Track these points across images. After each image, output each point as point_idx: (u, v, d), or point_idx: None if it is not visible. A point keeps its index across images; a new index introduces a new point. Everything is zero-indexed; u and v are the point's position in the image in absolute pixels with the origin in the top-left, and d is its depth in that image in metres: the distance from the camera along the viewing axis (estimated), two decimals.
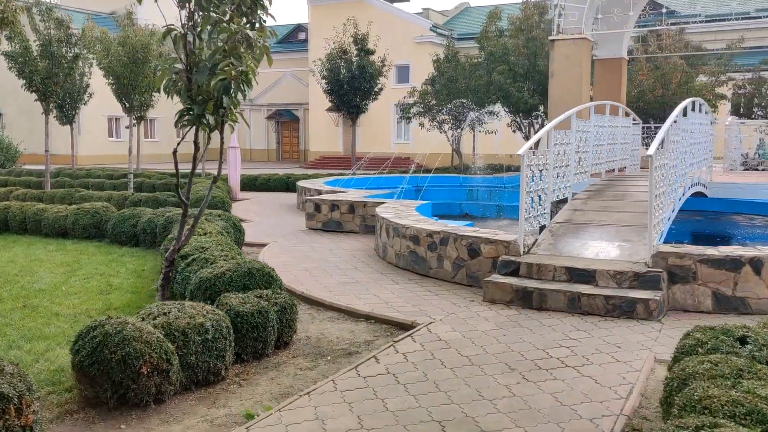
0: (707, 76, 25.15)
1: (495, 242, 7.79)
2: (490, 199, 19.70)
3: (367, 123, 39.95)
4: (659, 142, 7.11)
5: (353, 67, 24.90)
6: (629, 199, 9.23)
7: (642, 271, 6.84)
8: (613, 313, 6.62)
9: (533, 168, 7.90)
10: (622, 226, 8.16)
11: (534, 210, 8.03)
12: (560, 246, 7.84)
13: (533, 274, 7.34)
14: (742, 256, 6.70)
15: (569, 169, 9.09)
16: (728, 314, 6.73)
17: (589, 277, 7.03)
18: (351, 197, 13.00)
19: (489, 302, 7.22)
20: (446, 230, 8.34)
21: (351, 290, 7.84)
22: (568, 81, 13.53)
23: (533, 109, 23.48)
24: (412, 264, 8.86)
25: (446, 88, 24.29)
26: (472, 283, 8.03)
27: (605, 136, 10.94)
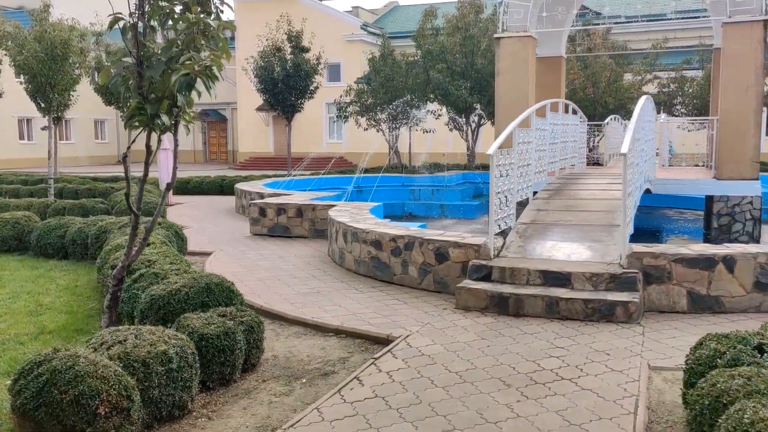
0: (634, 75, 25.88)
1: (464, 246, 7.47)
2: (432, 199, 19.53)
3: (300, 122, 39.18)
4: (631, 139, 6.96)
5: (288, 65, 24.18)
6: (591, 197, 9.12)
7: (618, 273, 6.67)
8: (593, 317, 6.40)
9: (501, 168, 7.62)
10: (589, 225, 8.01)
11: (501, 211, 7.75)
12: (530, 248, 7.59)
13: (506, 278, 7.05)
14: (715, 254, 6.63)
15: (530, 168, 8.89)
16: (703, 314, 6.65)
17: (565, 280, 6.80)
18: (298, 200, 12.44)
19: (462, 309, 6.88)
20: (411, 234, 7.96)
21: (314, 301, 7.34)
22: (515, 79, 13.42)
23: (472, 107, 23.46)
24: (373, 270, 8.42)
25: (383, 87, 23.94)
26: (440, 289, 7.68)
27: (559, 134, 10.85)
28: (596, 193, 9.29)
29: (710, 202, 14.45)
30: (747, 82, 11.76)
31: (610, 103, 23.90)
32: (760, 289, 6.61)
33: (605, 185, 9.85)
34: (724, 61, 11.98)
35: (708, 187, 12.24)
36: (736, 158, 11.98)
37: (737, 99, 11.84)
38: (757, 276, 6.60)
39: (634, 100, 25.09)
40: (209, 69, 4.55)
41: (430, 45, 23.34)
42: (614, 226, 7.88)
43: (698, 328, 6.18)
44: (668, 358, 5.38)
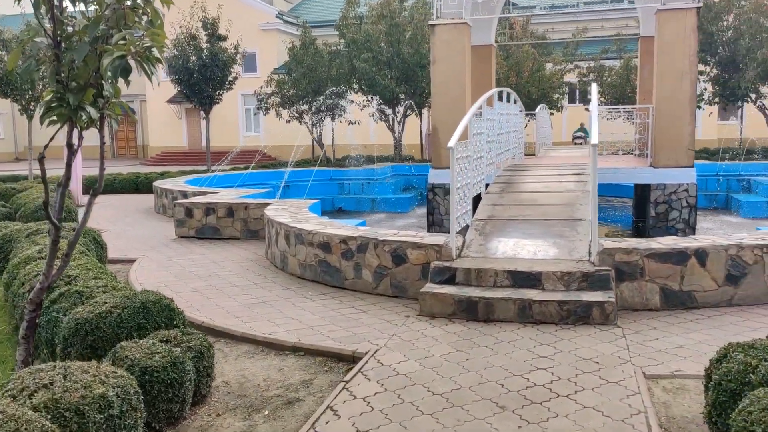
0: (555, 64, 26.19)
1: (424, 247, 6.92)
2: (363, 193, 18.93)
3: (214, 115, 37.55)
4: (598, 132, 6.61)
5: (204, 54, 22.84)
6: (546, 190, 8.79)
7: (590, 271, 6.30)
8: (568, 319, 6.01)
9: (461, 161, 7.11)
10: (550, 220, 7.64)
11: (461, 208, 7.26)
12: (492, 246, 7.13)
13: (472, 280, 6.56)
14: (687, 248, 6.38)
15: (483, 161, 8.45)
16: (676, 310, 6.40)
17: (535, 281, 6.38)
18: (228, 199, 11.53)
19: (428, 316, 6.34)
20: (364, 235, 7.33)
21: (261, 313, 6.59)
22: (451, 67, 13.00)
23: (398, 98, 22.98)
24: (322, 275, 7.75)
25: (306, 77, 23.07)
26: (398, 293, 7.10)
27: (504, 125, 10.49)
28: (551, 186, 8.97)
29: (639, 190, 14.63)
30: (682, 70, 11.80)
31: (533, 92, 24.04)
32: (732, 283, 6.42)
33: (557, 177, 9.57)
34: (659, 49, 11.99)
35: (645, 175, 12.26)
36: (672, 146, 12.03)
37: (672, 87, 11.87)
38: (728, 269, 6.41)
39: (556, 89, 25.42)
40: (149, 50, 3.74)
41: (354, 34, 22.65)
42: (576, 220, 7.55)
43: (677, 327, 5.90)
44: (660, 364, 5.02)
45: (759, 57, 20.54)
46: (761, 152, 21.10)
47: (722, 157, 19.95)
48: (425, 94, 23.27)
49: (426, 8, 22.50)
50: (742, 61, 21.31)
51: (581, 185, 8.83)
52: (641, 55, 15.72)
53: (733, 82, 21.64)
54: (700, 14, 11.84)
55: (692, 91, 11.92)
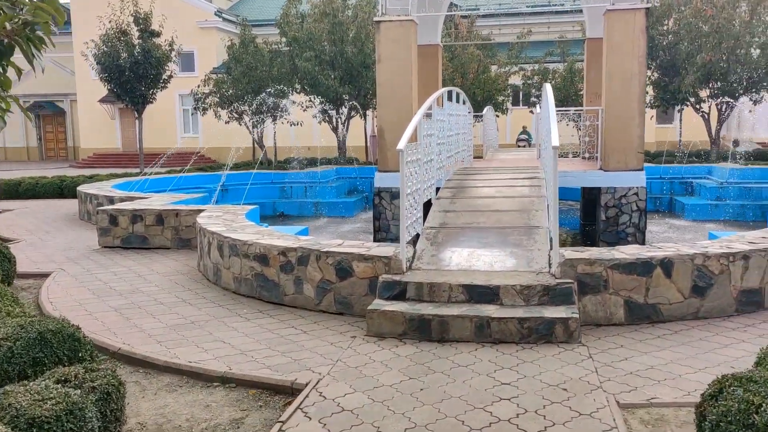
0: (499, 66, 26.04)
1: (371, 259, 6.29)
2: (305, 197, 18.20)
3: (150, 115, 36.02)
4: (557, 133, 6.13)
5: (136, 50, 21.61)
6: (499, 195, 8.30)
7: (552, 284, 5.81)
8: (529, 338, 5.49)
9: (411, 165, 6.52)
10: (506, 228, 7.13)
11: (411, 215, 6.67)
12: (445, 257, 6.57)
13: (424, 295, 5.98)
14: (653, 257, 5.96)
15: (434, 164, 7.90)
16: (641, 324, 5.97)
17: (493, 295, 5.85)
18: (157, 205, 10.64)
19: (376, 337, 5.72)
20: (305, 246, 6.65)
21: (188, 337, 5.84)
22: (397, 66, 12.44)
23: (342, 98, 22.31)
24: (259, 290, 7.03)
25: (245, 77, 22.14)
26: (343, 310, 6.46)
27: (454, 126, 9.99)
28: (503, 191, 8.49)
29: (587, 193, 14.42)
30: (631, 71, 11.57)
31: (478, 94, 23.79)
32: (698, 294, 6.04)
33: (509, 180, 9.11)
34: (609, 50, 11.73)
35: (596, 178, 11.98)
36: (622, 149, 11.79)
37: (622, 88, 11.63)
38: (694, 279, 6.02)
39: (501, 91, 25.25)
40: (32, 29, 2.99)
41: (295, 32, 21.86)
42: (533, 228, 7.07)
43: (645, 344, 5.45)
44: (633, 390, 4.54)
45: (699, 61, 20.78)
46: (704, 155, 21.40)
47: (665, 160, 20.08)
48: (370, 95, 22.70)
49: (370, 6, 21.93)
50: (682, 66, 21.54)
51: (536, 190, 8.39)
52: (588, 57, 15.54)
53: (674, 86, 21.86)
54: (648, 15, 11.63)
55: (641, 93, 11.71)
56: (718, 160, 20.43)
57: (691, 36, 21.31)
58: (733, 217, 15.58)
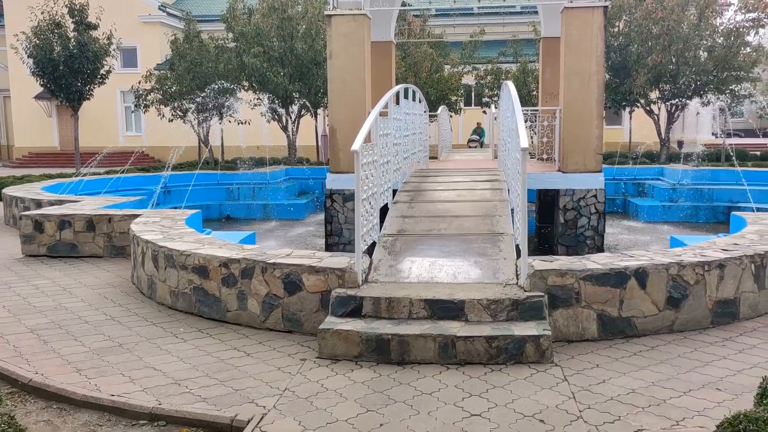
0: (452, 66, 25.73)
1: (323, 271, 5.70)
2: (254, 198, 17.43)
3: (89, 113, 34.44)
4: (525, 133, 5.66)
5: (71, 44, 20.36)
6: (459, 199, 7.80)
7: (520, 297, 5.33)
8: (498, 358, 5.00)
9: (367, 167, 5.95)
10: (469, 234, 6.63)
11: (367, 222, 6.10)
12: (404, 267, 6.02)
13: (382, 311, 5.42)
14: (627, 267, 5.55)
15: (390, 166, 7.35)
16: (615, 339, 5.55)
17: (457, 311, 5.33)
18: (88, 209, 9.78)
19: (329, 359, 5.13)
20: (249, 257, 6.01)
21: (114, 363, 5.13)
22: (349, 62, 11.84)
23: (292, 96, 21.55)
24: (198, 306, 6.35)
25: (190, 73, 21.17)
26: (292, 328, 5.84)
27: (410, 125, 9.46)
28: (464, 194, 8.00)
29: (542, 194, 14.12)
30: (589, 71, 11.29)
31: (431, 93, 23.39)
32: (673, 306, 5.66)
33: (470, 183, 8.63)
34: (566, 49, 11.42)
35: (555, 180, 11.64)
36: (580, 150, 11.49)
37: (580, 88, 11.33)
38: (669, 290, 5.64)
39: (454, 91, 24.93)
40: None
41: (242, 27, 21.00)
42: (497, 235, 6.59)
43: (622, 363, 5.02)
44: (617, 419, 4.08)
45: (649, 63, 20.86)
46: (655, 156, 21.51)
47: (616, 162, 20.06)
48: (321, 93, 22.04)
49: (321, 1, 21.26)
50: (633, 67, 21.60)
51: (498, 194, 7.94)
52: (543, 56, 15.26)
53: (625, 88, 21.92)
54: (606, 13, 11.38)
55: (600, 93, 11.44)
56: (668, 162, 20.56)
57: (642, 38, 21.40)
58: (686, 219, 15.58)
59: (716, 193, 16.36)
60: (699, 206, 16.05)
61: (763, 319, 6.04)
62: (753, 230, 7.24)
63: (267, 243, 13.17)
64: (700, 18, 21.06)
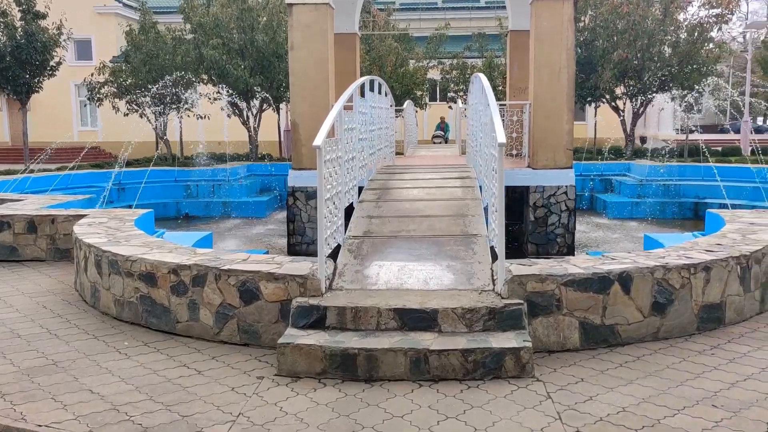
0: (417, 60, 25.34)
1: (282, 279, 5.20)
2: (213, 196, 16.78)
3: (42, 106, 33.13)
4: (502, 127, 5.24)
5: (18, 33, 19.33)
6: (428, 198, 7.36)
7: (498, 306, 4.92)
8: (475, 374, 4.57)
9: (331, 164, 5.46)
10: (441, 236, 6.20)
11: (331, 224, 5.62)
12: (372, 273, 5.56)
13: (348, 323, 4.95)
14: (610, 272, 5.18)
15: (356, 163, 6.87)
16: (598, 348, 5.18)
17: (429, 321, 4.89)
18: (30, 209, 9.09)
19: (289, 377, 4.65)
20: (202, 263, 5.47)
21: (46, 385, 4.55)
22: (312, 54, 11.32)
23: (253, 90, 20.86)
24: (146, 316, 5.78)
25: (146, 65, 20.33)
26: (249, 340, 5.33)
27: (376, 119, 8.99)
28: (433, 192, 7.57)
29: (510, 191, 13.79)
30: (560, 63, 10.98)
31: (396, 88, 22.95)
32: (658, 312, 5.32)
33: (439, 181, 8.20)
34: (536, 41, 11.09)
35: (524, 177, 11.32)
36: (551, 145, 11.20)
37: (550, 81, 11.03)
38: (654, 295, 5.29)
39: (419, 85, 24.54)
40: None
41: (200, 18, 20.23)
42: (471, 237, 6.17)
43: (608, 376, 4.64)
44: None
45: (615, 58, 20.77)
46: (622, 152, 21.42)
47: (582, 157, 19.92)
48: (283, 87, 21.41)
49: None
50: (598, 62, 21.49)
51: (470, 191, 7.52)
52: (510, 50, 14.95)
53: (590, 83, 21.79)
54: (576, 5, 11.08)
55: (570, 86, 11.15)
56: (633, 157, 20.51)
57: (608, 33, 21.30)
58: (654, 215, 15.46)
59: (683, 188, 16.30)
60: (666, 202, 15.98)
61: (749, 323, 5.75)
62: (733, 229, 6.97)
63: (226, 243, 12.60)
64: (665, 13, 21.05)
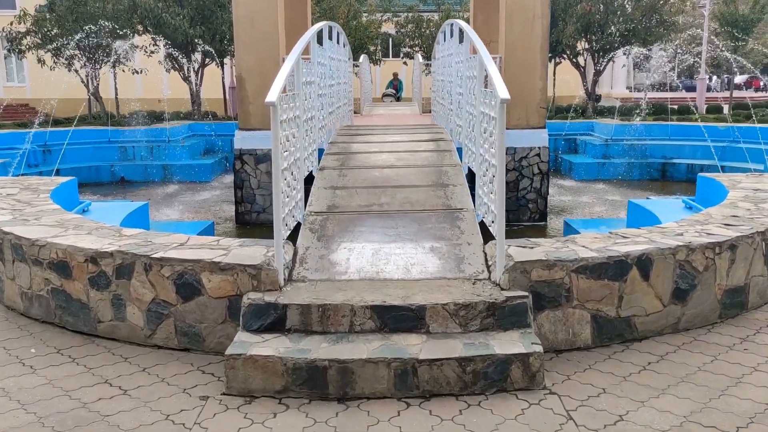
0: (371, 13, 24.00)
1: (230, 269, 4.16)
2: (152, 158, 15.36)
3: None
4: (502, 81, 4.27)
5: None
6: (400, 164, 6.36)
7: (498, 300, 4.01)
8: (475, 387, 3.69)
9: (288, 126, 4.39)
10: (420, 211, 5.23)
11: (289, 199, 4.58)
12: (341, 259, 4.56)
13: (313, 323, 3.97)
14: (628, 254, 4.33)
15: (315, 123, 5.80)
16: (611, 345, 4.36)
17: (415, 321, 3.96)
18: None
19: (241, 396, 3.66)
20: (128, 249, 4.37)
21: None
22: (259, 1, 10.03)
23: (194, 42, 19.20)
24: (60, 314, 4.67)
25: (72, 13, 18.43)
26: (189, 345, 4.30)
27: (335, 73, 7.87)
28: (405, 158, 6.56)
29: None
30: (533, 12, 10.01)
31: (349, 42, 21.60)
32: (679, 300, 4.52)
33: (410, 143, 7.19)
34: None
35: None
36: (523, 103, 10.29)
37: (523, 31, 10.07)
38: (676, 280, 4.48)
39: (373, 40, 23.25)
40: None
41: None
42: (455, 211, 5.23)
43: (632, 384, 3.82)
44: None
45: (579, 10, 19.93)
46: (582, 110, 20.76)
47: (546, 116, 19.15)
48: (227, 40, 19.81)
49: None
50: (560, 17, 20.61)
51: (447, 156, 6.56)
52: (474, 1, 13.88)
53: (552, 38, 20.91)
54: None
55: (544, 38, 10.21)
56: (595, 116, 19.89)
57: None
58: (621, 176, 14.87)
59: (650, 149, 15.72)
60: (633, 163, 15.38)
61: None
62: (740, 197, 6.23)
63: (166, 212, 11.37)
64: None
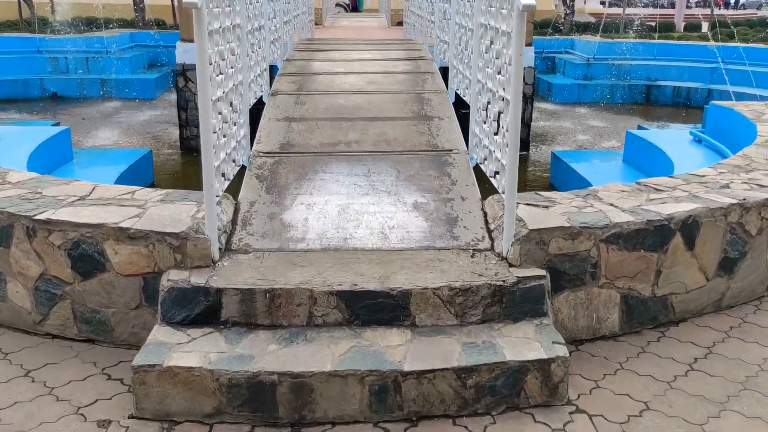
0: None
1: (144, 238, 3.03)
2: (88, 71, 13.70)
3: None
4: None
5: None
6: (374, 89, 5.15)
7: (507, 282, 3.00)
8: (478, 405, 2.73)
9: (222, 36, 3.17)
10: (399, 153, 4.11)
11: (226, 140, 3.41)
12: (296, 218, 3.46)
13: (259, 315, 2.91)
14: (671, 217, 3.34)
15: (265, 35, 4.54)
16: (642, 331, 3.44)
17: (397, 310, 2.94)
18: None
19: (158, 421, 2.64)
20: (2, 206, 3.19)
21: None
22: None
23: None
24: None
25: None
26: (93, 335, 3.23)
27: None
28: (377, 80, 5.34)
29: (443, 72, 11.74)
30: None
31: None
32: (725, 272, 3.60)
33: (382, 63, 5.94)
34: None
35: None
36: None
37: None
38: (725, 248, 3.54)
39: None
40: None
41: None
42: (444, 153, 4.13)
43: (681, 394, 2.91)
44: None
45: None
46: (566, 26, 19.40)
47: None
48: None
49: None
50: None
51: (429, 80, 5.38)
52: None
53: None
54: None
55: None
56: (571, 32, 18.62)
57: None
58: (603, 99, 13.85)
59: (634, 69, 14.65)
60: (616, 85, 14.34)
61: None
62: None
63: (101, 134, 10.00)
64: None
